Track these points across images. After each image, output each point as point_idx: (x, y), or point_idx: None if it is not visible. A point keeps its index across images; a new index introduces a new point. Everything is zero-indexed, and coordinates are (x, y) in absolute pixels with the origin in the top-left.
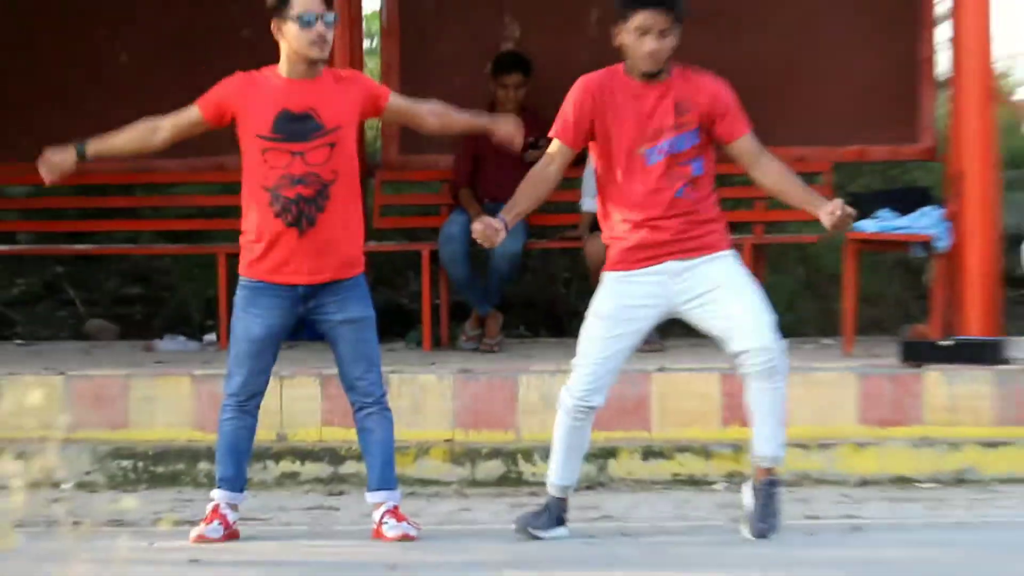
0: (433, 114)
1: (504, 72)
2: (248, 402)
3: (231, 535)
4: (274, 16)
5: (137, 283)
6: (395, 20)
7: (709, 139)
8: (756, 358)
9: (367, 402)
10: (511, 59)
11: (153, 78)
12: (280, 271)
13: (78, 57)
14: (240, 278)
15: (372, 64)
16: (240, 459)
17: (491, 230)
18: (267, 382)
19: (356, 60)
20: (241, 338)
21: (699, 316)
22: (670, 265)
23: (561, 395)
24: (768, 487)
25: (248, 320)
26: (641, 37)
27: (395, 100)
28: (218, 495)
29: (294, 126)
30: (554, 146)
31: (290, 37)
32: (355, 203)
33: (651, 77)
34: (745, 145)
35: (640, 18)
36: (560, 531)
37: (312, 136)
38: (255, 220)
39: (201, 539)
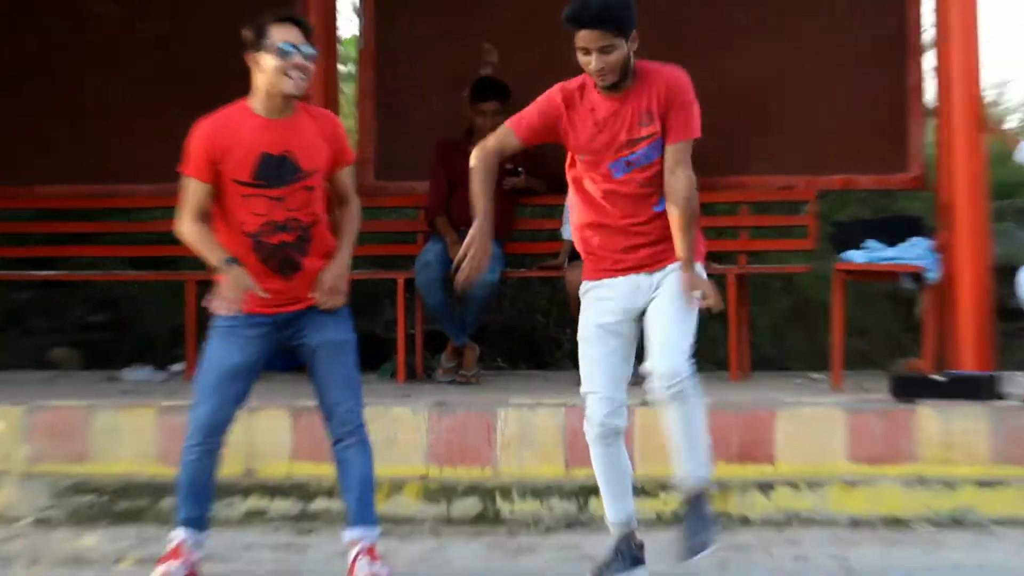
0: (349, 214)
1: (481, 99)
2: (213, 436)
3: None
4: (251, 49)
5: (102, 310)
6: (371, 45)
7: None
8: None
9: (344, 432)
10: (488, 86)
11: (123, 102)
12: (263, 306)
13: (46, 80)
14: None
15: (348, 90)
16: (204, 497)
17: (482, 253)
18: (235, 415)
19: (331, 86)
20: (213, 366)
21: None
22: (638, 278)
23: (584, 429)
24: (695, 500)
25: (223, 349)
26: (586, 56)
27: (346, 173)
28: (181, 534)
29: (273, 170)
30: (503, 129)
31: (267, 69)
32: (330, 237)
33: (611, 90)
34: (672, 151)
35: (579, 37)
36: (639, 571)
37: (290, 180)
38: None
39: None
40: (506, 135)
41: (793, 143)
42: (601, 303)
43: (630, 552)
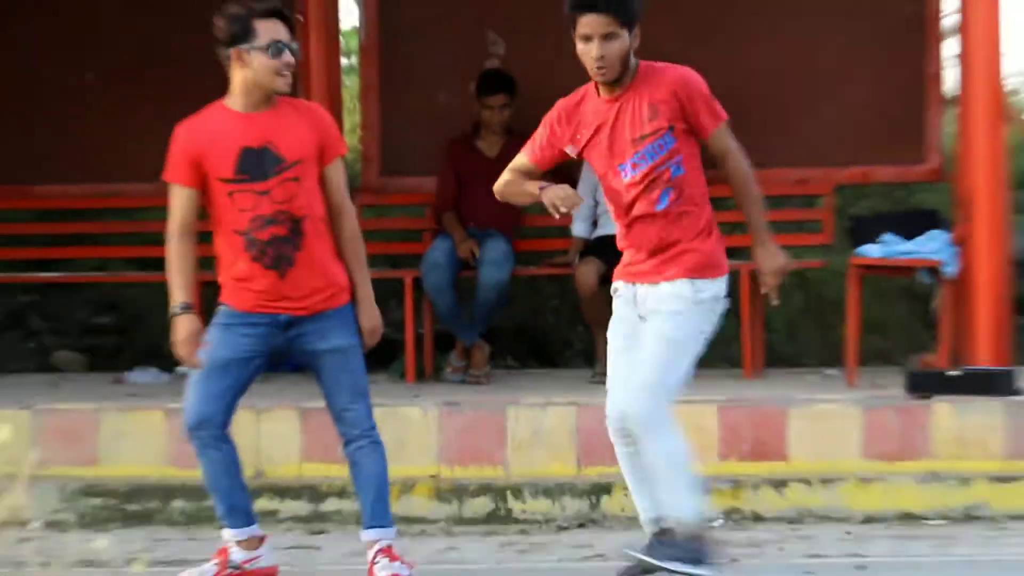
0: (346, 233)
1: (488, 93)
2: (201, 430)
3: (250, 573)
4: (234, 45)
5: (106, 312)
6: (374, 37)
7: (688, 134)
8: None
9: (355, 434)
10: (495, 79)
11: (123, 98)
12: (264, 305)
13: (41, 75)
14: (221, 305)
15: (350, 82)
16: (226, 492)
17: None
18: (224, 411)
19: (334, 79)
20: (209, 356)
21: None
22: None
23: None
24: (654, 541)
25: (217, 342)
26: (587, 44)
27: (337, 170)
28: (226, 535)
29: (254, 163)
30: (517, 157)
31: (256, 67)
32: (329, 235)
33: (611, 87)
34: (712, 143)
35: (582, 23)
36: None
37: (273, 172)
38: (233, 265)
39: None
40: (520, 163)
41: (808, 135)
42: (617, 300)
43: (662, 550)
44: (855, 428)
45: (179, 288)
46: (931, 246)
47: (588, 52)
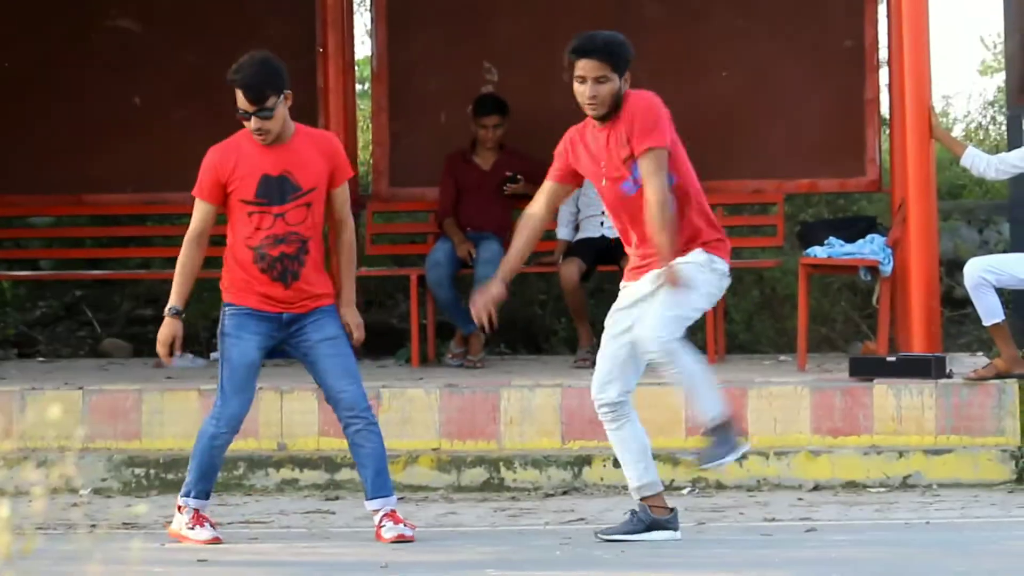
0: (344, 244)
1: (483, 114)
2: (238, 426)
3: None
4: None
5: (149, 305)
6: (384, 65)
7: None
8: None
9: (352, 416)
10: (489, 101)
11: (166, 119)
12: (267, 303)
13: (95, 99)
14: (227, 305)
15: (364, 105)
16: (216, 474)
17: (488, 300)
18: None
19: (349, 102)
20: (238, 363)
21: None
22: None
23: None
24: (712, 431)
25: (243, 344)
26: (581, 84)
27: (344, 191)
28: (196, 504)
29: (273, 189)
30: (545, 182)
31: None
32: (323, 249)
33: (602, 120)
34: (639, 163)
35: (578, 66)
36: (655, 535)
37: (290, 198)
38: (241, 273)
39: (215, 541)
40: (546, 184)
41: (763, 151)
42: (621, 297)
43: (646, 516)
44: (805, 407)
45: (178, 292)
46: (870, 248)
47: (582, 93)
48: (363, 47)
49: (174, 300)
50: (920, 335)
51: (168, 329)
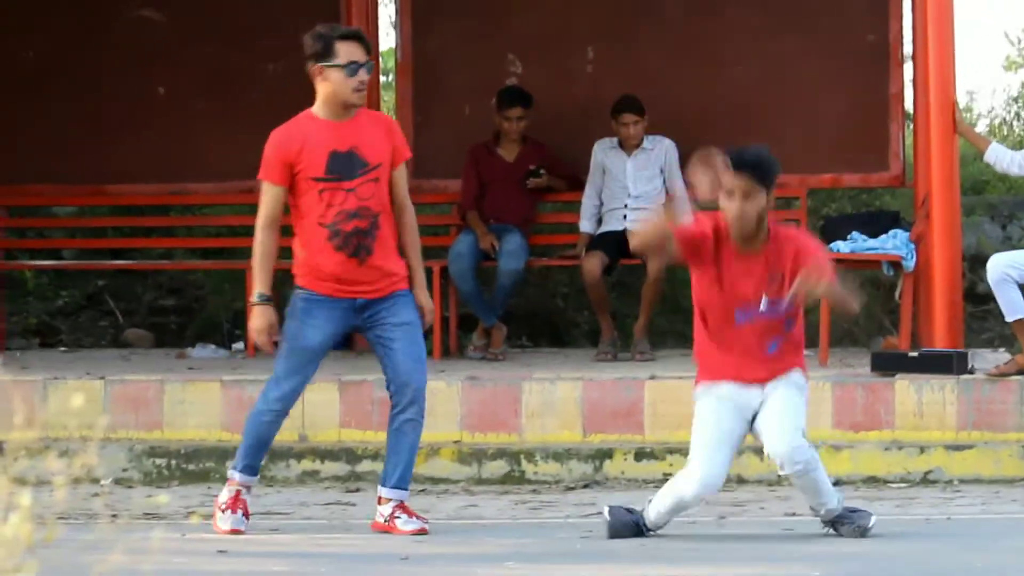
0: (407, 226)
1: (507, 106)
2: (290, 406)
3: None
4: (317, 61)
5: (171, 296)
6: (408, 57)
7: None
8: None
9: (410, 404)
10: (513, 94)
11: (188, 110)
12: (342, 291)
13: (118, 89)
14: (299, 289)
15: (388, 97)
16: (264, 451)
17: None
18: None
19: (374, 95)
20: (298, 347)
21: None
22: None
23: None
24: (837, 519)
25: (307, 330)
26: (729, 200)
27: (402, 173)
28: (241, 479)
29: (343, 165)
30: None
31: (334, 82)
32: (394, 228)
33: (746, 244)
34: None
35: (726, 181)
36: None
37: (359, 172)
38: (315, 256)
39: (235, 532)
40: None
41: (786, 145)
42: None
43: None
44: (827, 402)
45: (260, 279)
46: (893, 243)
47: (730, 209)
48: (387, 39)
49: (260, 287)
50: (942, 330)
51: (263, 317)
